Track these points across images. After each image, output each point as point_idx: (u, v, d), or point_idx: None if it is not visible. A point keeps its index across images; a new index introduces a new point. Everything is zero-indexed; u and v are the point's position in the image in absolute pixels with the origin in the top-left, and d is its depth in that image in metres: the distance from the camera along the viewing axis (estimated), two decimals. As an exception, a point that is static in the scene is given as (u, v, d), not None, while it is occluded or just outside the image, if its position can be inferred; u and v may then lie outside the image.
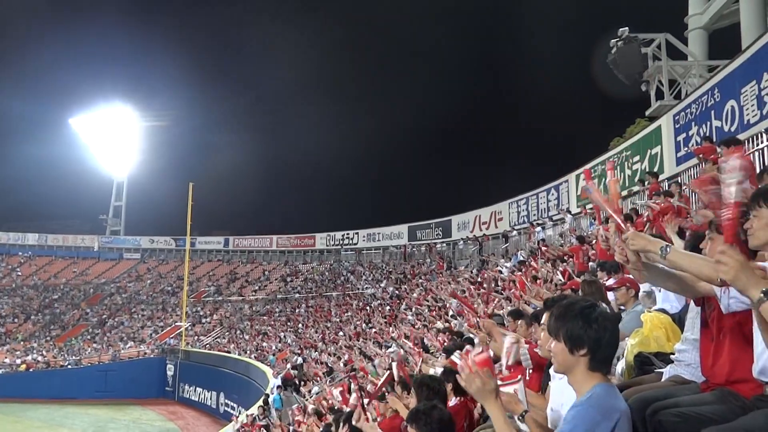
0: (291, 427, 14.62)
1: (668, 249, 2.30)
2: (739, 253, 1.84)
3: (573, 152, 43.01)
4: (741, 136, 10.25)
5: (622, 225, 2.57)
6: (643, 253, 2.44)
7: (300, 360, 29.26)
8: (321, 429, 9.90)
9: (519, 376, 2.99)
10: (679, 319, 3.75)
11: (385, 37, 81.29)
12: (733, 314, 2.42)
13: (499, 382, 2.85)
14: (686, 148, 14.31)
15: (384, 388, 6.40)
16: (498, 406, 2.29)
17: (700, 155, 8.17)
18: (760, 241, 2.47)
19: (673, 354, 3.16)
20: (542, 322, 3.85)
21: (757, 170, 6.60)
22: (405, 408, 4.69)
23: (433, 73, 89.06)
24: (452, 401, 4.40)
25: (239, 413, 24.13)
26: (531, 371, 4.44)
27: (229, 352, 36.61)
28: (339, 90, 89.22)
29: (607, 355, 2.11)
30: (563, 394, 2.62)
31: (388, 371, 7.12)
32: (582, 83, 58.75)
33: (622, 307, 5.13)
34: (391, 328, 24.35)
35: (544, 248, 16.68)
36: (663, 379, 3.07)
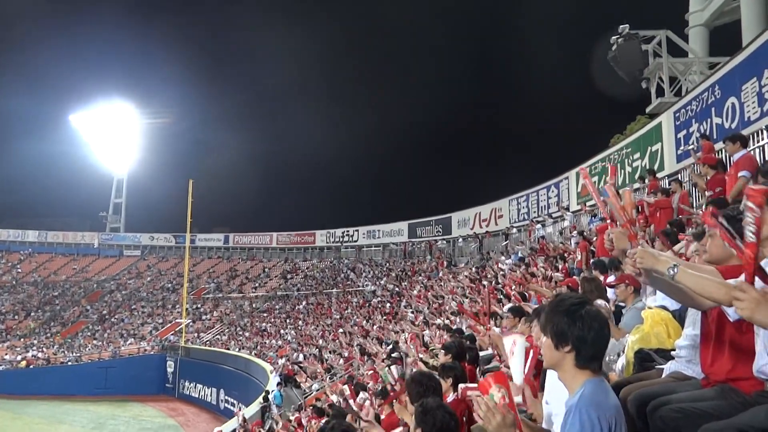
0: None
1: (676, 269, 2.27)
2: (755, 291, 1.84)
3: (573, 149, 42.96)
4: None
5: (635, 236, 2.57)
6: (651, 270, 2.43)
7: (301, 356, 29.29)
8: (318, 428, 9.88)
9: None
10: (679, 316, 3.74)
11: (385, 35, 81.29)
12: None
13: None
14: (686, 146, 14.30)
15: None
16: None
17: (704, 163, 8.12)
18: (759, 238, 2.47)
19: (674, 350, 3.15)
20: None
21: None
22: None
23: (434, 70, 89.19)
24: (450, 397, 4.41)
25: (240, 408, 24.14)
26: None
27: (229, 349, 36.66)
28: (339, 87, 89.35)
29: (593, 354, 2.09)
30: (557, 387, 2.62)
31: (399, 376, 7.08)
32: (582, 80, 58.81)
33: (622, 304, 5.12)
34: (391, 325, 24.35)
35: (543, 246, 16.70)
36: (663, 375, 3.07)
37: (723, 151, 9.00)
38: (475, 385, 3.24)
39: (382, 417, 6.07)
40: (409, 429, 3.02)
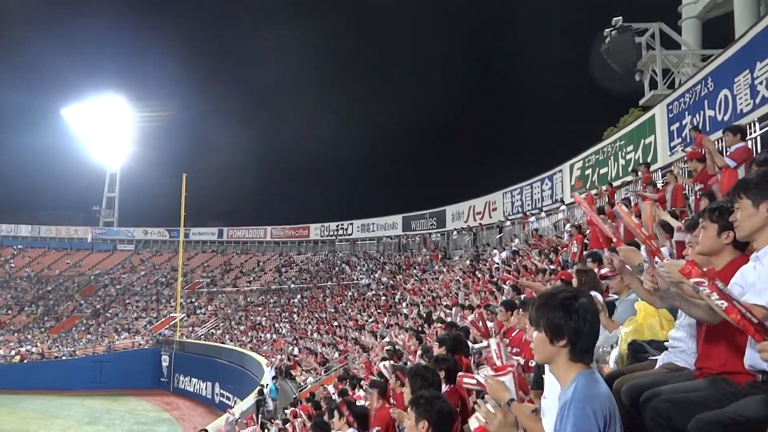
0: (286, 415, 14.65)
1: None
2: None
3: (567, 142, 43.03)
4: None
5: (658, 250, 2.57)
6: (677, 284, 2.43)
7: (296, 350, 29.32)
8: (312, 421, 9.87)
9: (509, 368, 3.00)
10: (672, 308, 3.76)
11: (380, 30, 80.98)
12: None
13: (491, 373, 2.84)
14: (680, 139, 14.35)
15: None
16: None
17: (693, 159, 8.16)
18: (746, 231, 2.48)
19: (667, 342, 3.17)
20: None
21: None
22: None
23: (428, 63, 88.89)
24: (444, 388, 4.45)
25: (234, 404, 24.18)
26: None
27: (224, 342, 36.65)
28: (333, 81, 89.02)
29: (587, 346, 2.11)
30: (555, 383, 2.63)
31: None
32: (576, 73, 58.87)
33: (616, 296, 5.14)
34: (385, 318, 24.38)
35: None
36: (657, 367, 3.08)
37: (721, 141, 9.03)
38: (472, 374, 3.23)
39: (376, 408, 6.10)
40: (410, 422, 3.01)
